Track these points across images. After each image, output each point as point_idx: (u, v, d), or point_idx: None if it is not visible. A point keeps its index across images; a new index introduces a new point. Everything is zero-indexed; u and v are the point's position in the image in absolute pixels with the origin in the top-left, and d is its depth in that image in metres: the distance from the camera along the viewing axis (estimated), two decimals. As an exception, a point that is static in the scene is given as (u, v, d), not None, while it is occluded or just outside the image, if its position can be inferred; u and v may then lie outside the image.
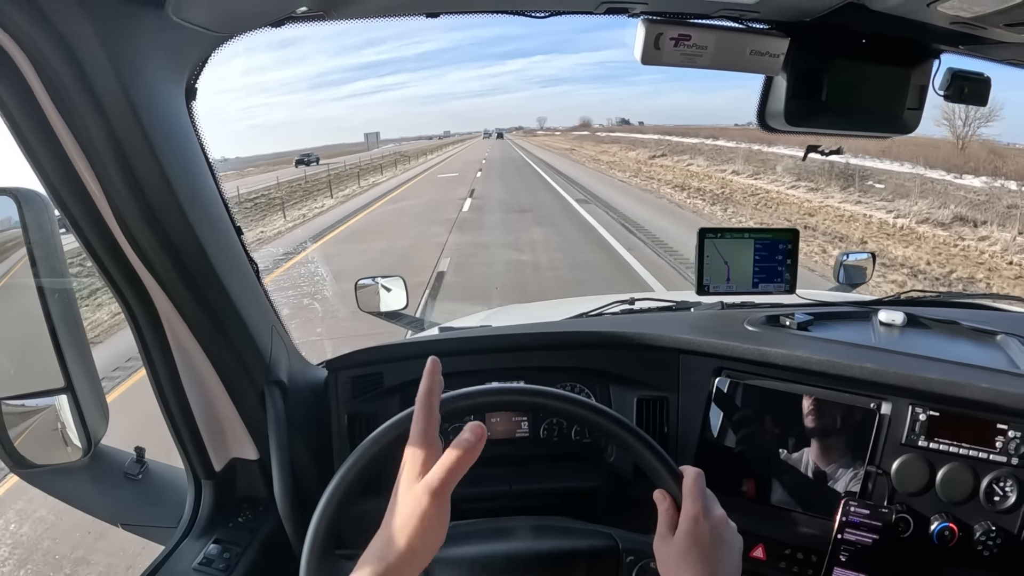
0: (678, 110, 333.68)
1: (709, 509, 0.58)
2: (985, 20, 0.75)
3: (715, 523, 0.58)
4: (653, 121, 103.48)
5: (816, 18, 0.81)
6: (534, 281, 6.44)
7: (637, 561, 0.70)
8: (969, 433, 0.83)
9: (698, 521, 0.57)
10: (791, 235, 1.10)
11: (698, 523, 0.57)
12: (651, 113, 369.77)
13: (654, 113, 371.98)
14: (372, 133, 69.02)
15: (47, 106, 0.58)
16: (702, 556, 0.56)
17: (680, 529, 0.58)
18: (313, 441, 0.96)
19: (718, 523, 0.58)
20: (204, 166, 0.75)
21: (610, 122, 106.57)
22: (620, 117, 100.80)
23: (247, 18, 0.70)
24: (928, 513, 0.83)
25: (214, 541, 0.85)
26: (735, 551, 0.58)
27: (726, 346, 0.95)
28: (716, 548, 0.57)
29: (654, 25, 0.79)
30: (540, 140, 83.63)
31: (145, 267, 0.72)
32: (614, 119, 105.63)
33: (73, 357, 0.78)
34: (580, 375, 1.02)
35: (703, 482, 0.60)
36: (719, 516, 0.58)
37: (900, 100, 0.92)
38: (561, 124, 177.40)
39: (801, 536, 0.88)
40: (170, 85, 0.67)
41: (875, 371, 0.85)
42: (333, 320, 5.05)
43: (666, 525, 0.59)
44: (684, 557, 0.56)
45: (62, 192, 0.65)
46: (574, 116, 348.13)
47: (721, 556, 0.57)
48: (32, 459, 0.81)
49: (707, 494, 0.60)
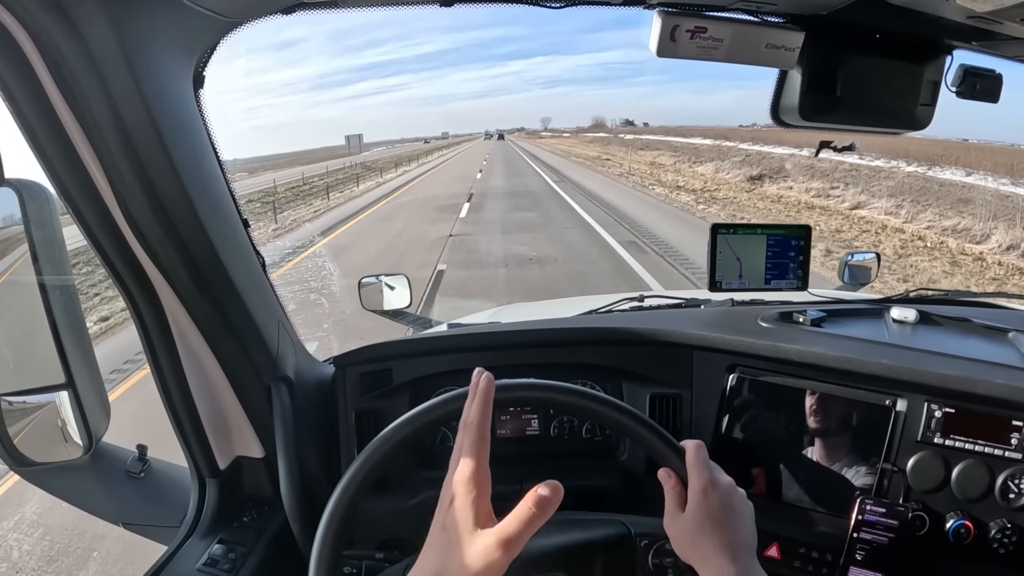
0: (679, 111, 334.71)
1: (716, 479, 0.57)
2: (1001, 14, 0.74)
3: (724, 492, 0.57)
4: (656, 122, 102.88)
5: (832, 11, 0.80)
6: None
7: (652, 544, 0.70)
8: (984, 430, 0.82)
9: (707, 492, 0.56)
10: (804, 231, 1.09)
11: (707, 494, 0.56)
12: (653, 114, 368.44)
13: (656, 114, 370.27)
14: (354, 135, 58.05)
15: (52, 93, 0.56)
16: (717, 527, 0.55)
17: (690, 503, 0.56)
18: (320, 439, 0.94)
19: (727, 491, 0.57)
20: (212, 156, 0.73)
21: (614, 123, 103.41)
22: (624, 118, 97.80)
23: (257, 3, 0.68)
24: (944, 511, 0.83)
25: (219, 541, 0.83)
26: (748, 517, 0.57)
27: (740, 342, 0.94)
28: (729, 517, 0.56)
29: (670, 17, 0.78)
30: (548, 143, 70.32)
31: (151, 261, 0.70)
32: (618, 120, 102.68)
33: (74, 353, 0.76)
34: (592, 372, 1.01)
35: (706, 453, 0.58)
36: (727, 484, 0.57)
37: (913, 96, 0.92)
38: (565, 125, 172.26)
39: (816, 535, 0.87)
40: (179, 71, 0.66)
41: (891, 367, 0.85)
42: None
43: (675, 503, 0.58)
44: (699, 531, 0.55)
45: (66, 182, 0.63)
46: (577, 117, 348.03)
47: (735, 524, 0.56)
48: (32, 457, 0.79)
49: (711, 465, 0.58)
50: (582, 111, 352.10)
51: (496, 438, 1.00)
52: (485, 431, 0.49)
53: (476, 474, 0.47)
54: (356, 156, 50.88)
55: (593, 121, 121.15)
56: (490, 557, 0.45)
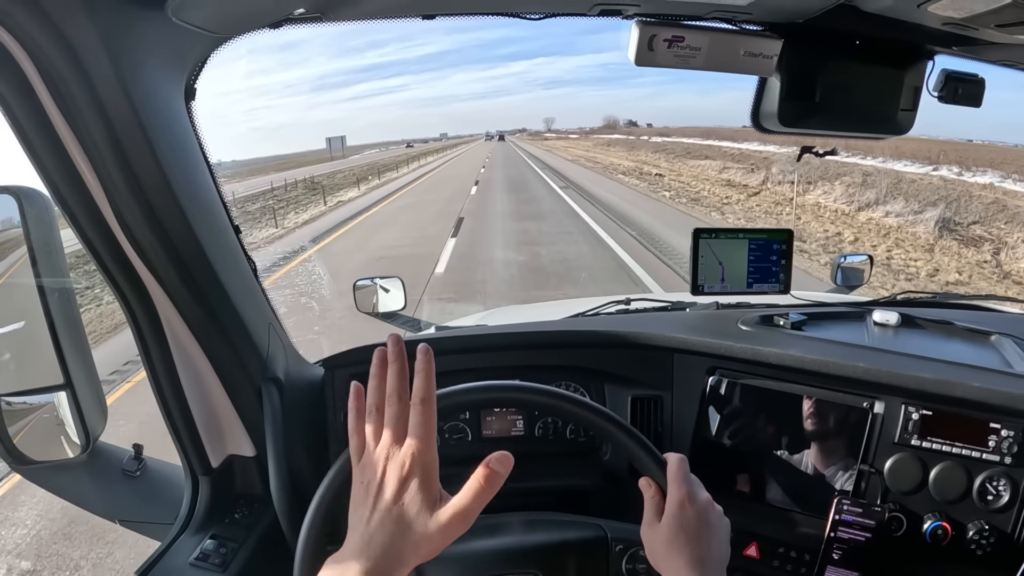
0: (680, 112, 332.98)
1: (694, 494, 0.59)
2: (976, 21, 0.75)
3: (701, 507, 0.58)
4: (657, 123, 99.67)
5: (809, 19, 0.81)
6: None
7: (626, 550, 0.71)
8: (962, 432, 0.83)
9: (684, 506, 0.58)
10: (786, 235, 1.11)
11: (684, 508, 0.58)
12: (654, 115, 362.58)
13: (656, 115, 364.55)
14: (336, 137, 45.14)
15: (48, 105, 0.59)
16: (690, 540, 0.56)
17: (666, 515, 0.58)
18: (310, 438, 0.96)
19: (704, 507, 0.58)
20: (203, 166, 0.76)
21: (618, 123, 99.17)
22: (628, 119, 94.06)
23: (245, 19, 0.71)
24: (921, 512, 0.83)
25: (211, 536, 0.85)
26: (723, 534, 0.59)
27: (720, 345, 0.95)
28: (703, 532, 0.57)
29: (648, 27, 0.79)
30: (556, 146, 57.85)
31: (144, 265, 0.73)
32: (622, 121, 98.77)
33: (72, 354, 0.79)
34: (575, 374, 1.03)
35: (687, 467, 0.60)
36: (704, 500, 0.59)
37: (894, 101, 0.93)
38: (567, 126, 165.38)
39: (795, 534, 0.89)
40: (170, 85, 0.68)
41: (868, 370, 0.86)
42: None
43: (653, 512, 0.60)
44: (672, 542, 0.57)
45: (63, 190, 0.66)
46: (579, 118, 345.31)
47: (709, 539, 0.57)
48: (31, 455, 0.81)
49: (692, 479, 0.60)
50: (583, 112, 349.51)
51: (481, 438, 1.02)
52: (432, 405, 0.49)
53: (431, 452, 0.48)
54: (342, 161, 44.33)
55: (604, 121, 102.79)
56: (451, 530, 0.47)
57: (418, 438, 0.48)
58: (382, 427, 0.49)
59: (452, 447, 1.02)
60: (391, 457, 0.48)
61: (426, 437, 0.48)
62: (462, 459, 1.03)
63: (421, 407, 0.48)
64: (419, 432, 0.48)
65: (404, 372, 0.50)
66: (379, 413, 0.50)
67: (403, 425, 0.49)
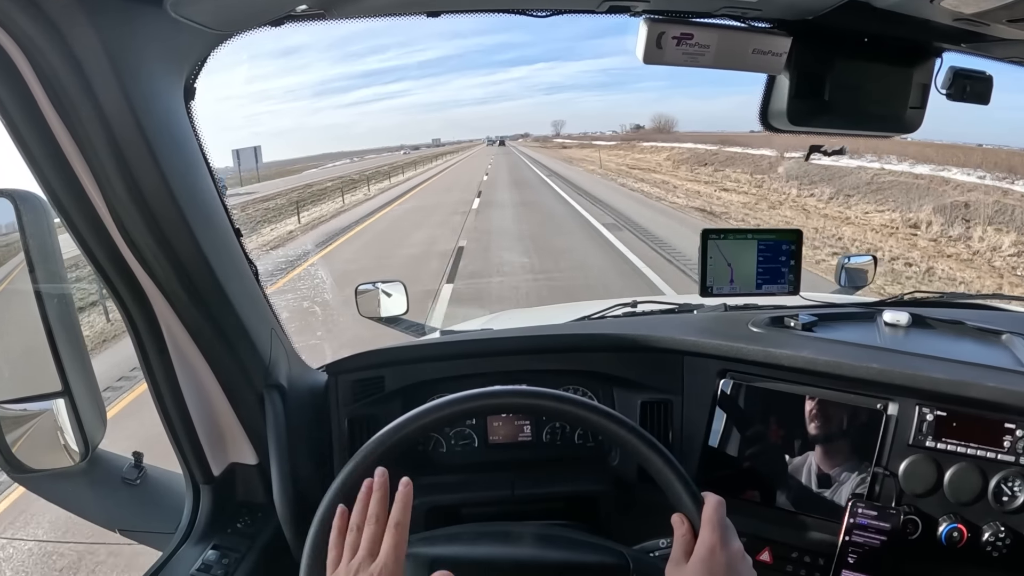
0: (682, 115, 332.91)
1: (727, 540, 0.57)
2: (988, 16, 0.74)
3: (732, 555, 0.56)
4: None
5: (819, 16, 0.81)
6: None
7: None
8: (977, 433, 0.82)
9: (715, 552, 0.55)
10: (795, 236, 1.09)
11: (714, 554, 0.55)
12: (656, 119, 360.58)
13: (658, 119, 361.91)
14: (247, 149, 26.31)
15: (45, 105, 0.58)
16: None
17: (695, 556, 0.56)
18: (313, 446, 0.95)
19: (734, 556, 0.56)
20: (203, 167, 0.74)
21: (624, 128, 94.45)
22: (634, 123, 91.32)
23: (246, 16, 0.69)
24: (936, 514, 0.82)
25: (212, 547, 0.83)
26: None
27: (730, 347, 0.94)
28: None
29: (656, 24, 0.78)
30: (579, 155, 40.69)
31: (143, 270, 0.71)
32: (628, 125, 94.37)
33: (71, 361, 0.78)
34: (583, 378, 1.01)
35: (723, 511, 0.58)
36: (736, 550, 0.57)
37: (903, 99, 0.92)
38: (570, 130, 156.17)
39: (808, 539, 0.87)
40: (169, 84, 0.67)
41: (881, 371, 0.85)
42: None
43: (681, 550, 0.58)
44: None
45: (60, 194, 0.65)
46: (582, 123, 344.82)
47: None
48: (30, 464, 0.80)
49: (726, 524, 0.58)
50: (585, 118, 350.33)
51: (488, 444, 1.01)
52: (407, 530, 0.55)
53: (399, 570, 0.53)
54: (255, 184, 25.86)
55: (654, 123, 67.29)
56: None
57: (388, 557, 0.54)
58: (359, 544, 0.55)
59: (458, 453, 1.01)
60: (361, 570, 0.53)
61: (396, 557, 0.54)
62: (468, 465, 1.02)
63: (395, 530, 0.55)
64: (389, 552, 0.54)
65: (385, 499, 0.57)
66: (359, 532, 0.56)
67: (377, 544, 0.55)
